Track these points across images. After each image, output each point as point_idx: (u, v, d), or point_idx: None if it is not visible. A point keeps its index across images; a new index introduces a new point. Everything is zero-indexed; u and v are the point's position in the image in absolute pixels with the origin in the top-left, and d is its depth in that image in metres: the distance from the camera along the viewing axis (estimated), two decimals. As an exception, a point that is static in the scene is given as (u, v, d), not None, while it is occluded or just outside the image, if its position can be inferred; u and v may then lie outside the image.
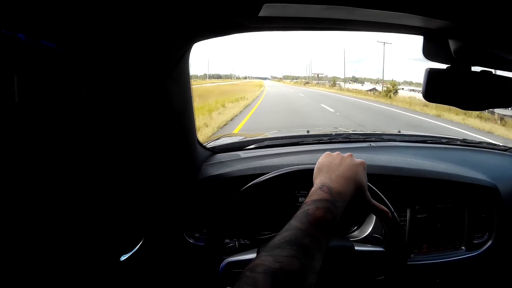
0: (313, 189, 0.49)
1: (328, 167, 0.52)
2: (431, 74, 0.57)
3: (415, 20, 0.52)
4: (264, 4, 0.47)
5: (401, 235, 0.64)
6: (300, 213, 0.43)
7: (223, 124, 7.22)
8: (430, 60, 0.63)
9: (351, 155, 0.56)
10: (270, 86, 38.70)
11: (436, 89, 0.57)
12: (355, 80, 69.30)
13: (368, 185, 0.56)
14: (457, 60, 0.58)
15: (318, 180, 0.50)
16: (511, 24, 0.46)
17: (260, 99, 16.25)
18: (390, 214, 0.57)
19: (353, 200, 0.50)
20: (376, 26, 0.58)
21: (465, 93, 0.58)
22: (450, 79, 0.58)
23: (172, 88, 0.69)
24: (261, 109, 11.11)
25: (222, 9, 0.52)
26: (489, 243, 0.88)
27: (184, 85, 0.73)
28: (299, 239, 0.39)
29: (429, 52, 0.62)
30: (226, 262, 0.66)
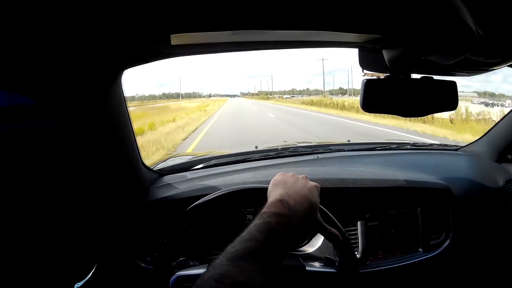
0: (272, 200, 0.48)
1: (284, 184, 0.52)
2: (368, 84, 0.56)
3: (341, 37, 0.49)
4: (171, 35, 0.47)
5: (353, 258, 0.63)
6: (262, 223, 0.42)
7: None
8: (368, 70, 0.61)
9: (305, 177, 0.55)
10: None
11: (374, 99, 0.57)
12: (344, 92, 56.91)
13: (320, 207, 0.55)
14: (394, 69, 0.57)
15: (276, 193, 0.49)
16: (437, 34, 0.46)
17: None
18: (341, 237, 0.56)
19: (305, 219, 0.49)
20: (301, 44, 0.56)
21: (406, 101, 0.57)
22: (388, 88, 0.56)
23: (108, 114, 0.68)
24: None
25: (135, 39, 0.52)
26: (447, 242, 0.89)
27: (119, 110, 0.72)
28: (262, 253, 0.39)
29: (365, 63, 0.60)
30: (176, 275, 0.64)
